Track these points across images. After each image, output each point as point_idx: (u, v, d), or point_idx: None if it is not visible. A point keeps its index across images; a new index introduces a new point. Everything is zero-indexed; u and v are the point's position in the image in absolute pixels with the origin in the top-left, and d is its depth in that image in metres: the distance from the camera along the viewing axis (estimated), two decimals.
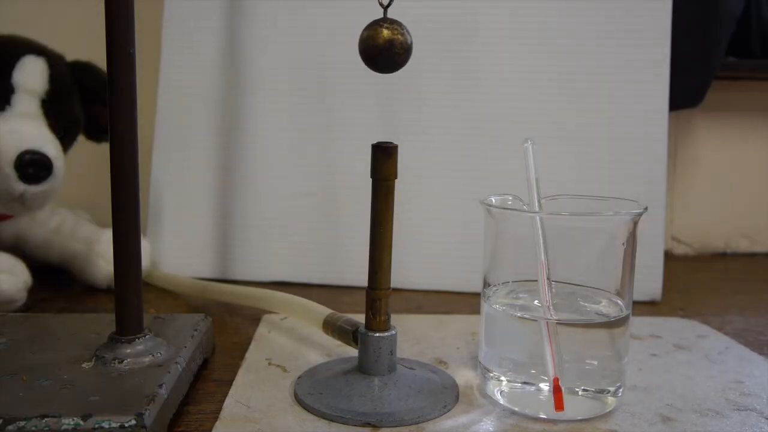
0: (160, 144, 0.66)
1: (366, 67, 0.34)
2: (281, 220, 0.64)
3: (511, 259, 0.37)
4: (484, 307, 0.37)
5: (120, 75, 0.34)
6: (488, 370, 0.36)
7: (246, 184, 0.65)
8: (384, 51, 0.33)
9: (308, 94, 0.64)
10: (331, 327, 0.41)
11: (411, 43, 0.33)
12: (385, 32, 0.33)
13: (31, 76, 0.57)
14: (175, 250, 0.65)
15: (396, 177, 0.36)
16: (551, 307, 0.34)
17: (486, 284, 0.37)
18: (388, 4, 0.34)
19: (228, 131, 0.65)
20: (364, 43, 0.33)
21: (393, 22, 0.33)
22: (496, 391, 0.36)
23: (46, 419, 0.28)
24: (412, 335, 0.47)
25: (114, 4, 0.33)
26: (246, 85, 0.65)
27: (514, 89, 0.62)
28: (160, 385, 0.32)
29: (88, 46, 0.58)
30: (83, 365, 0.34)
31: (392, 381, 0.36)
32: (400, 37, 0.33)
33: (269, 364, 0.41)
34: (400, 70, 0.34)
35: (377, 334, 0.36)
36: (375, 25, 0.33)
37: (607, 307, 0.36)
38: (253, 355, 0.43)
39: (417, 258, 0.63)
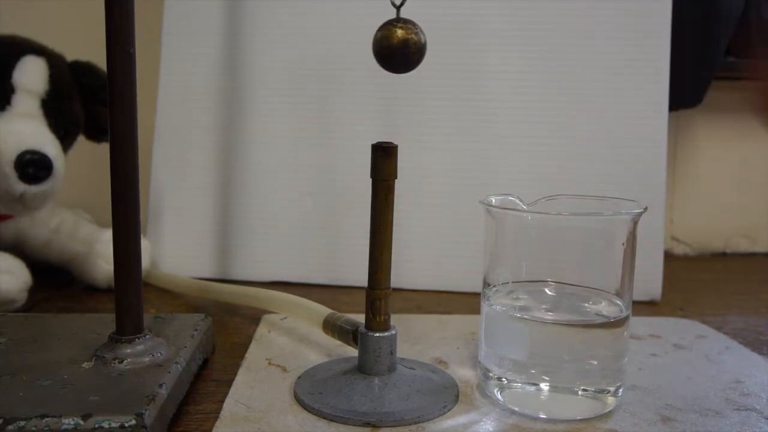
0: (160, 144, 0.66)
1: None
2: (281, 220, 0.64)
3: (511, 259, 0.37)
4: (484, 307, 0.37)
5: (120, 75, 0.34)
6: (488, 370, 0.36)
7: (246, 184, 0.65)
8: (398, 51, 0.33)
9: (308, 94, 0.64)
10: (331, 327, 0.41)
11: (425, 42, 0.33)
12: (400, 32, 0.33)
13: (31, 76, 0.57)
14: (175, 250, 0.65)
15: (396, 177, 0.36)
16: None
17: (486, 284, 0.37)
18: (401, 4, 0.34)
19: (228, 131, 0.65)
20: (378, 43, 0.33)
21: (407, 21, 0.33)
22: (496, 391, 0.36)
23: (46, 419, 0.28)
24: (412, 335, 0.47)
25: (114, 4, 0.33)
26: (246, 85, 0.65)
27: (514, 89, 0.62)
28: (160, 385, 0.32)
29: (88, 46, 0.58)
30: (83, 365, 0.34)
31: (392, 381, 0.36)
32: (414, 36, 0.33)
33: (269, 364, 0.41)
34: None
35: (377, 334, 0.36)
36: (389, 25, 0.33)
37: (607, 307, 0.36)
38: (253, 355, 0.43)
39: (417, 258, 0.63)
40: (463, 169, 0.62)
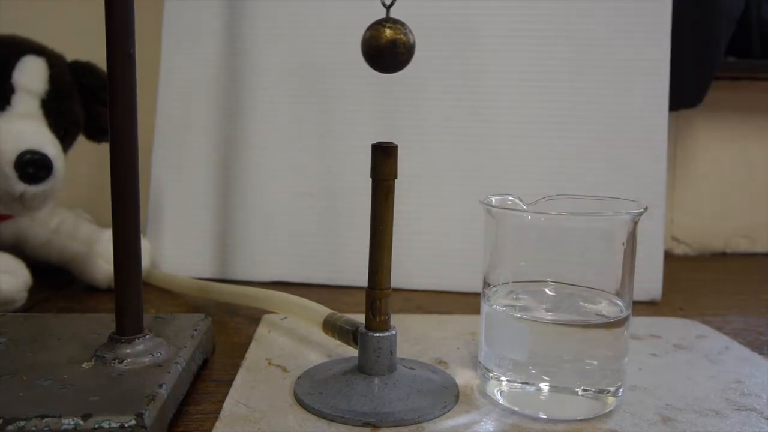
0: (160, 144, 0.66)
1: (367, 66, 0.34)
2: (281, 220, 0.64)
3: (511, 259, 0.37)
4: (484, 307, 0.37)
5: (120, 75, 0.34)
6: (488, 370, 0.36)
7: (246, 183, 0.65)
8: (386, 51, 0.33)
9: (308, 94, 0.64)
10: (331, 327, 0.41)
11: (413, 42, 0.33)
12: (388, 32, 0.33)
13: (31, 76, 0.57)
14: (175, 250, 0.65)
15: (396, 177, 0.36)
16: None
17: (486, 284, 0.37)
18: (391, 4, 0.34)
19: (228, 131, 0.65)
20: (366, 42, 0.33)
21: (396, 21, 0.33)
22: (496, 391, 0.36)
23: (46, 419, 0.28)
24: (412, 335, 0.47)
25: (114, 5, 0.33)
26: (246, 85, 0.65)
27: (514, 89, 0.62)
28: (160, 385, 0.32)
29: (88, 46, 0.58)
30: (83, 365, 0.34)
31: (392, 381, 0.36)
32: (402, 37, 0.33)
33: (269, 364, 0.41)
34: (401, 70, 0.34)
35: (377, 334, 0.36)
36: (378, 25, 0.33)
37: (607, 307, 0.36)
38: (253, 355, 0.43)
39: (417, 258, 0.63)
40: (463, 169, 0.62)
